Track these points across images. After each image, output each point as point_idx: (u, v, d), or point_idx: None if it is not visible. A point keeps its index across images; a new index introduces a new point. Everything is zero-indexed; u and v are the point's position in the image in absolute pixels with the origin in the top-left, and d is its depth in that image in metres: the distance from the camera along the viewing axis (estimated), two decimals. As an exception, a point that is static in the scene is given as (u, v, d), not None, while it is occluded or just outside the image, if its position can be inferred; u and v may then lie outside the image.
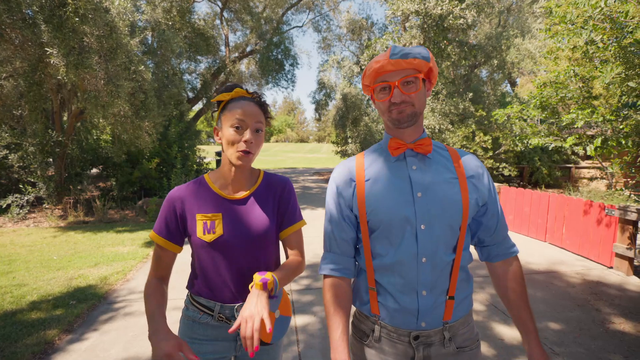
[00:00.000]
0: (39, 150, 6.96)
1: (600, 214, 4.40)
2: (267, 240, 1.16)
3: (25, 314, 3.03)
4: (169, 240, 1.12)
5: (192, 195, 1.14)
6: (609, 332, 2.83)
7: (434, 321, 0.95)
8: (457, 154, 1.02)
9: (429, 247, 0.93)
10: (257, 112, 1.09)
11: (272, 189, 1.21)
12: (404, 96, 0.93)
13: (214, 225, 1.10)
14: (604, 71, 3.36)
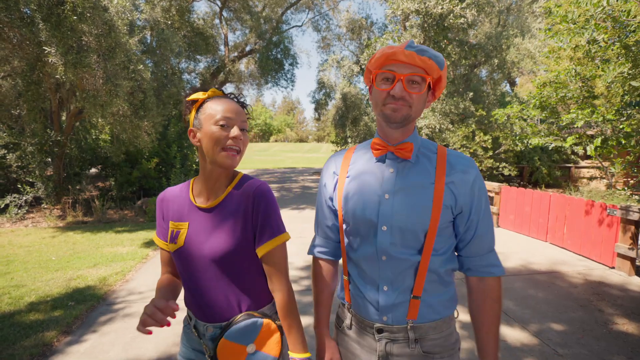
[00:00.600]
0: (38, 150, 6.92)
1: (601, 214, 4.39)
2: (236, 259, 1.00)
3: (24, 315, 3.00)
4: (165, 240, 1.11)
5: (173, 200, 1.11)
6: (612, 333, 2.81)
7: (396, 317, 0.96)
8: (444, 158, 0.97)
9: (388, 247, 0.94)
10: (240, 110, 1.03)
11: (243, 195, 1.03)
12: (405, 93, 0.90)
13: (177, 235, 1.05)
14: (607, 70, 3.34)
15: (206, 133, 0.98)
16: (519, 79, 19.78)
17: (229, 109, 1.00)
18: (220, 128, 0.98)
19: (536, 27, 12.38)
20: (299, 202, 9.02)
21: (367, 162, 1.03)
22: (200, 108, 1.03)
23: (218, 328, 1.02)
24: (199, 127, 1.01)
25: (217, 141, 0.97)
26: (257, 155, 32.99)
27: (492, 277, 0.97)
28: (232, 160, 0.99)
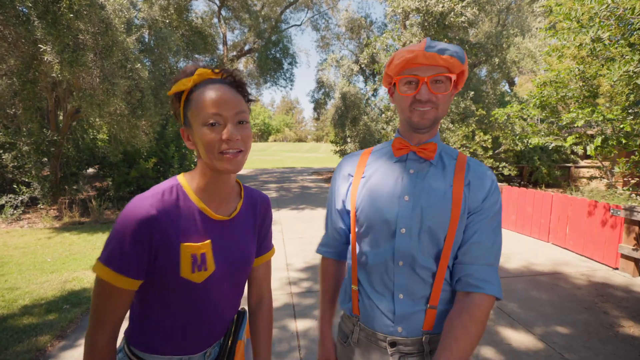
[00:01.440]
0: (34, 150, 6.83)
1: (605, 215, 4.34)
2: (248, 265, 0.96)
3: (17, 319, 2.93)
4: (133, 277, 0.77)
5: (171, 214, 0.79)
6: (618, 336, 2.76)
7: (412, 328, 0.91)
8: (463, 162, 0.95)
9: (406, 251, 0.90)
10: (234, 97, 0.79)
11: (256, 207, 0.98)
12: (431, 95, 0.88)
13: (204, 259, 0.81)
14: (612, 69, 3.29)
15: (197, 136, 0.78)
16: (517, 79, 19.76)
17: (218, 101, 0.77)
18: (211, 129, 0.77)
19: (536, 27, 12.34)
20: (298, 202, 8.96)
21: (385, 162, 1.00)
22: (187, 100, 0.81)
23: (216, 346, 0.94)
24: (189, 126, 0.81)
25: (210, 146, 0.77)
26: (256, 155, 32.92)
27: (480, 294, 0.85)
28: (234, 165, 0.79)
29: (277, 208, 8.10)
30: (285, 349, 2.56)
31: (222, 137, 0.77)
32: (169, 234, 0.78)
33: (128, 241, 0.75)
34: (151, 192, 0.80)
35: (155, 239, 0.76)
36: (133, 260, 0.76)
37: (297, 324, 2.91)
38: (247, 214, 0.96)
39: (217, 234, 0.86)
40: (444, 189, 0.91)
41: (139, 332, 0.86)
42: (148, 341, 0.85)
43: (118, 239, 0.75)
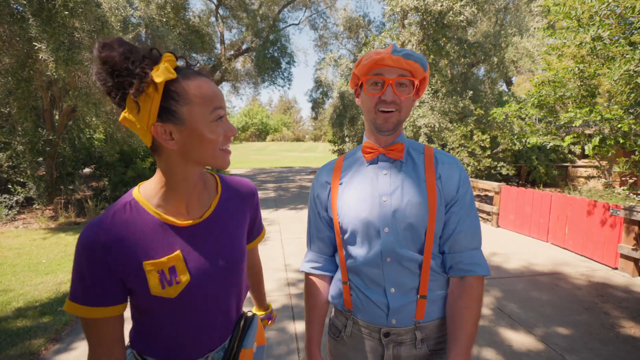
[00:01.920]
0: (29, 149, 6.75)
1: (604, 214, 4.33)
2: (242, 264, 0.89)
3: (10, 322, 2.87)
4: (109, 305, 0.73)
5: (126, 234, 0.73)
6: (619, 337, 2.74)
7: (405, 319, 0.95)
8: (431, 156, 1.00)
9: (392, 248, 0.94)
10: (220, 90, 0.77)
11: (238, 196, 0.93)
12: (395, 96, 0.92)
13: (174, 272, 0.75)
14: (612, 68, 3.27)
15: (198, 133, 0.71)
16: (515, 78, 19.78)
17: (218, 94, 0.74)
18: (218, 123, 0.73)
19: (534, 26, 12.35)
20: (296, 202, 8.92)
21: (358, 167, 1.04)
22: (171, 91, 0.69)
23: (220, 350, 0.89)
24: (181, 122, 0.70)
25: (216, 143, 0.73)
26: (254, 155, 32.83)
27: (473, 276, 0.94)
28: (229, 161, 0.79)
29: (275, 208, 8.06)
30: (284, 352, 2.52)
31: (229, 132, 0.76)
32: (127, 255, 0.73)
33: (86, 273, 0.71)
34: (103, 214, 0.75)
35: (112, 264, 0.71)
36: (97, 290, 0.72)
37: (295, 326, 2.87)
38: (228, 208, 0.88)
39: (188, 241, 0.79)
40: (417, 185, 0.96)
41: (137, 335, 0.85)
42: (146, 345, 0.84)
43: (77, 272, 0.72)
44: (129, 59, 0.67)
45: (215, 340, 0.87)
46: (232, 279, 0.87)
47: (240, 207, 0.92)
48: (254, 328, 0.95)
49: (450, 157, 1.01)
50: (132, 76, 0.67)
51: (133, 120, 0.71)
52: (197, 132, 0.71)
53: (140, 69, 0.67)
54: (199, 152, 0.74)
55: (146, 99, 0.68)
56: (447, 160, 1.00)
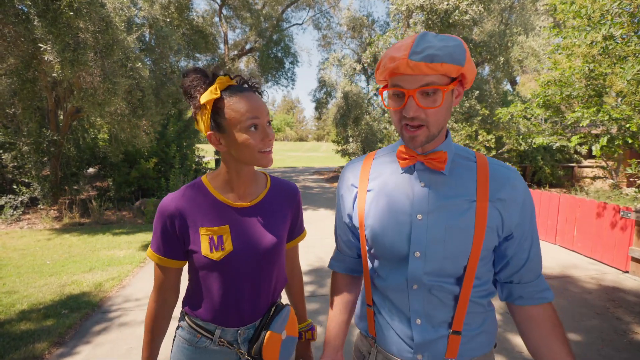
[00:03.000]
0: (34, 150, 6.76)
1: (614, 216, 4.25)
2: (278, 254, 1.03)
3: (14, 324, 2.85)
4: (171, 257, 0.98)
5: (190, 205, 0.96)
6: (633, 343, 2.68)
7: (433, 356, 0.83)
8: (486, 169, 0.82)
9: (421, 276, 0.81)
10: (263, 103, 0.95)
11: (284, 195, 1.09)
12: (419, 111, 0.75)
13: (222, 240, 0.95)
14: (625, 67, 3.19)
15: (235, 140, 0.91)
16: (519, 78, 19.63)
17: (254, 107, 0.91)
18: (252, 133, 0.91)
19: (540, 25, 12.23)
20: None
21: (391, 172, 0.88)
22: (217, 108, 0.91)
23: (251, 328, 1.02)
24: (223, 132, 0.92)
25: (253, 148, 0.91)
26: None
27: (548, 303, 0.84)
28: (270, 160, 0.95)
29: (279, 209, 8.03)
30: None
31: (264, 138, 0.92)
32: (189, 221, 0.95)
33: (159, 231, 0.96)
34: (178, 190, 0.99)
35: (178, 226, 0.94)
36: (165, 244, 0.96)
37: (301, 330, 2.82)
38: (273, 202, 1.05)
39: (236, 219, 0.98)
40: (464, 206, 0.79)
41: (189, 295, 1.04)
42: (193, 304, 1.02)
43: (154, 229, 0.97)
44: (191, 86, 0.91)
45: (246, 318, 1.00)
46: (268, 262, 1.01)
47: (284, 203, 1.08)
48: (283, 315, 1.03)
49: (508, 169, 0.83)
50: (192, 99, 0.92)
51: (200, 128, 0.95)
52: (235, 139, 0.91)
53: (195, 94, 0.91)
54: (241, 155, 0.93)
55: (202, 114, 0.92)
56: (507, 176, 0.81)
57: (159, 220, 0.96)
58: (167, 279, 1.00)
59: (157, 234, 0.97)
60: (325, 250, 4.91)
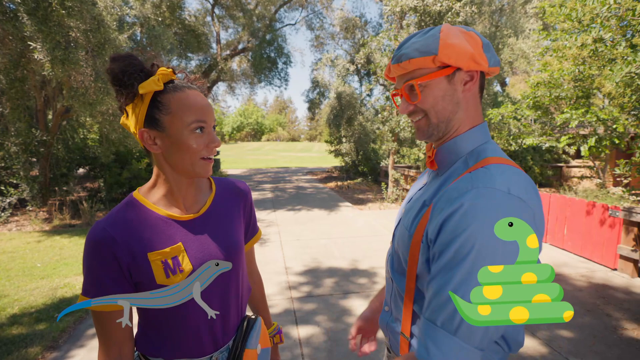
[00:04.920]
0: (22, 150, 6.62)
1: (603, 215, 4.35)
2: (240, 260, 0.94)
3: (5, 329, 2.80)
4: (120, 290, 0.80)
5: (129, 229, 0.80)
6: (623, 339, 2.74)
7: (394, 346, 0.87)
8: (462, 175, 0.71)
9: (390, 266, 0.88)
10: (209, 103, 0.83)
11: (233, 195, 0.98)
12: (409, 107, 0.77)
13: (177, 261, 0.81)
14: (614, 70, 3.28)
15: (177, 141, 0.78)
16: (509, 79, 19.94)
17: (202, 106, 0.80)
18: (196, 135, 0.78)
19: (529, 28, 12.45)
20: (294, 202, 8.88)
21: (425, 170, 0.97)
22: (157, 102, 0.78)
23: (225, 351, 0.91)
24: (161, 130, 0.78)
25: (195, 152, 0.79)
26: (250, 155, 32.71)
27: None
28: (210, 170, 0.83)
29: (273, 209, 8.01)
30: (287, 358, 2.48)
31: (209, 142, 0.81)
32: (133, 248, 0.79)
33: (96, 267, 0.77)
34: (108, 214, 0.83)
35: (120, 257, 0.78)
36: (108, 283, 0.77)
37: (299, 331, 2.83)
38: (223, 205, 0.95)
39: (187, 234, 0.85)
40: (419, 208, 0.77)
41: (143, 336, 0.88)
42: (151, 345, 0.87)
43: (87, 267, 0.78)
44: (125, 72, 0.76)
45: (218, 338, 0.89)
46: (233, 273, 0.91)
47: (235, 204, 0.98)
48: (257, 329, 0.96)
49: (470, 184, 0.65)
50: (124, 87, 0.77)
51: (127, 124, 0.82)
52: (176, 140, 0.78)
53: (131, 81, 0.76)
54: (179, 159, 0.80)
55: (134, 107, 0.79)
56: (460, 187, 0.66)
57: (93, 257, 0.77)
58: (118, 328, 0.79)
59: (93, 275, 0.77)
60: (320, 250, 4.92)
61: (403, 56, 0.74)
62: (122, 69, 0.76)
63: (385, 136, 9.18)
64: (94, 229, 0.78)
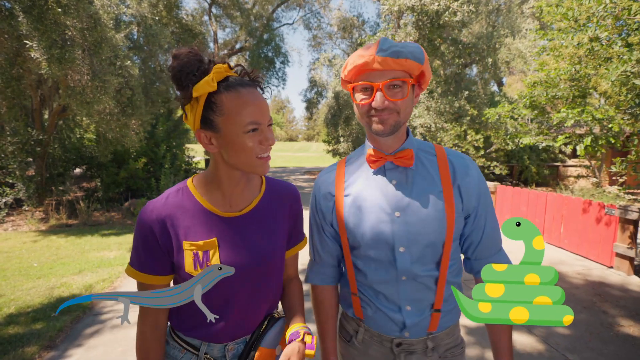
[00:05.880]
0: (18, 150, 6.58)
1: (599, 213, 4.38)
2: (274, 265, 0.93)
3: (2, 329, 2.78)
4: (156, 274, 0.85)
5: (174, 214, 0.84)
6: (619, 336, 2.77)
7: (418, 332, 0.93)
8: (445, 159, 0.91)
9: (409, 267, 0.89)
10: (265, 102, 0.82)
11: (280, 199, 0.96)
12: (387, 102, 0.82)
13: (207, 256, 0.83)
14: (610, 68, 3.30)
15: (230, 142, 0.79)
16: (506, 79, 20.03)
17: (256, 106, 0.78)
18: (251, 135, 0.79)
19: (526, 28, 12.50)
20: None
21: (364, 176, 0.94)
22: (211, 103, 0.77)
23: (241, 343, 0.93)
24: (216, 131, 0.79)
25: (250, 152, 0.79)
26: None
27: None
28: (268, 167, 0.85)
29: (271, 208, 8.00)
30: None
31: (264, 142, 0.81)
32: (173, 233, 0.83)
33: (140, 243, 0.84)
34: (160, 195, 0.87)
35: (161, 239, 0.83)
36: (148, 259, 0.84)
37: (297, 329, 2.83)
38: (268, 208, 0.94)
39: (225, 231, 0.86)
40: (433, 197, 0.88)
41: (174, 311, 0.93)
42: (178, 318, 0.92)
43: (135, 242, 0.86)
44: (182, 72, 0.76)
45: (237, 332, 0.91)
46: (263, 276, 0.91)
47: (281, 208, 0.96)
48: (276, 329, 0.94)
49: (464, 158, 0.92)
50: (182, 88, 0.78)
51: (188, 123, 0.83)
52: (231, 140, 0.79)
53: (187, 82, 0.76)
54: (235, 159, 0.81)
55: (192, 108, 0.79)
56: (463, 165, 0.90)
57: (140, 232, 0.84)
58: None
59: (137, 248, 0.85)
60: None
61: (401, 54, 0.78)
62: (180, 67, 0.76)
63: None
64: (145, 207, 0.85)
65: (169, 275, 0.88)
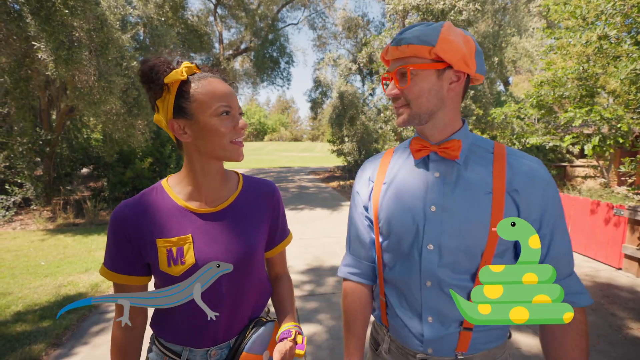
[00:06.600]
0: (27, 150, 6.67)
1: (608, 214, 4.31)
2: (253, 263, 0.91)
3: (9, 326, 2.81)
4: (130, 274, 0.85)
5: (147, 213, 0.84)
6: (628, 339, 2.72)
7: (442, 349, 0.83)
8: (503, 159, 0.79)
9: (435, 271, 0.80)
10: (232, 90, 0.85)
11: (259, 195, 0.96)
12: (395, 90, 0.80)
13: (182, 252, 0.82)
14: (619, 67, 3.25)
15: (205, 126, 0.80)
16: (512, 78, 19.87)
17: (225, 92, 0.82)
18: (222, 119, 0.81)
19: (533, 27, 12.39)
20: (296, 202, 8.88)
21: (407, 164, 0.88)
22: (182, 91, 0.80)
23: (225, 348, 0.90)
24: (189, 118, 0.81)
25: (223, 135, 0.81)
26: (252, 155, 32.75)
27: (576, 309, 0.78)
28: (241, 154, 0.85)
29: (276, 208, 8.02)
30: (290, 356, 2.48)
31: (237, 125, 0.83)
32: (145, 231, 0.83)
33: (112, 243, 0.84)
34: (135, 196, 0.88)
35: (131, 236, 0.83)
36: (120, 259, 0.84)
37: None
38: (246, 204, 0.93)
39: (200, 227, 0.85)
40: (479, 195, 0.77)
41: (155, 313, 0.93)
42: (159, 324, 0.91)
43: (108, 242, 0.85)
44: (153, 70, 0.79)
45: (219, 335, 0.88)
46: (242, 276, 0.88)
47: (259, 205, 0.95)
48: (263, 334, 0.90)
49: (529, 159, 0.80)
50: (153, 82, 0.80)
51: (159, 119, 0.84)
52: (204, 125, 0.80)
53: (158, 75, 0.79)
54: (209, 144, 0.82)
55: (164, 100, 0.81)
56: (526, 169, 0.77)
57: (112, 231, 0.84)
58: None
59: (110, 247, 0.84)
60: (322, 249, 4.92)
61: (403, 40, 0.77)
62: (150, 68, 0.80)
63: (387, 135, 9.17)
64: (117, 208, 0.85)
65: (145, 277, 0.87)
